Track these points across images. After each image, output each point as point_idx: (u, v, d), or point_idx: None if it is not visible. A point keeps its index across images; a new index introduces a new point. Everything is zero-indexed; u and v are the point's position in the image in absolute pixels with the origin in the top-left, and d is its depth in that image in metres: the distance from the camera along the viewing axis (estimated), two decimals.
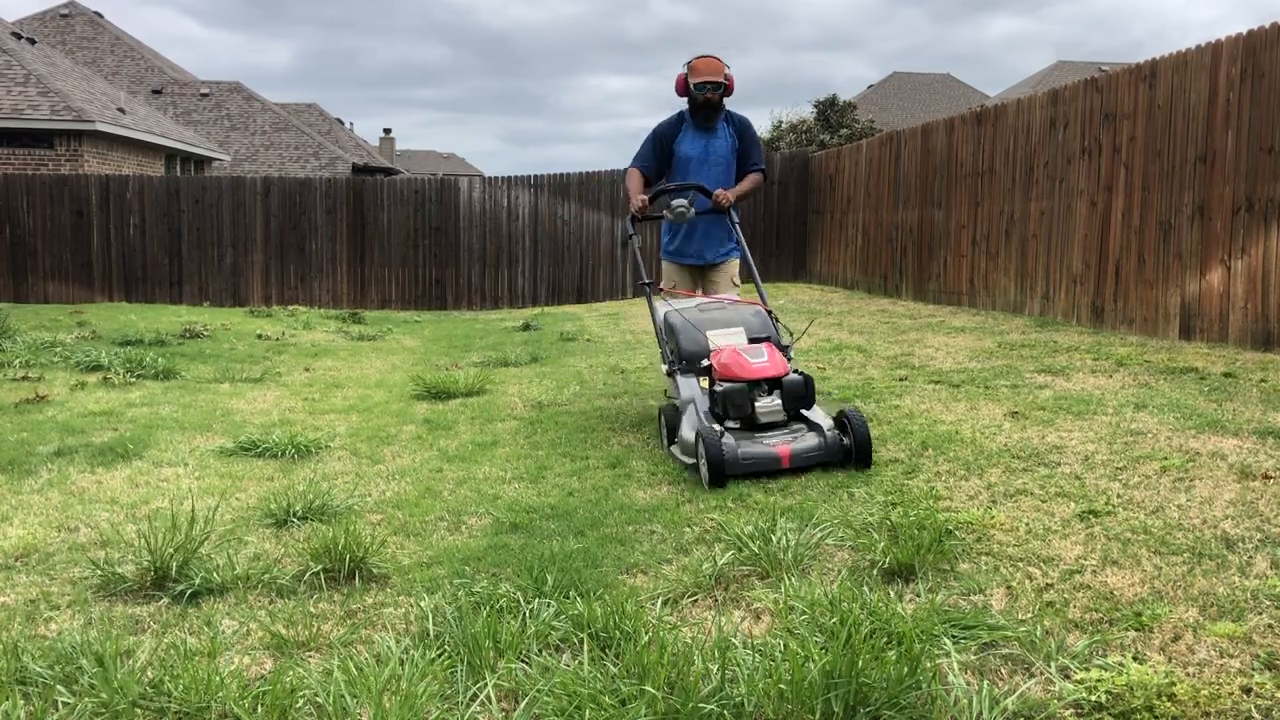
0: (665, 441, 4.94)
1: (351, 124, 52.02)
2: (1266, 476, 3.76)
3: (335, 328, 12.31)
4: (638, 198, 5.59)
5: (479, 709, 2.40)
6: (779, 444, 4.31)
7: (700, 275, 5.92)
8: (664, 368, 5.14)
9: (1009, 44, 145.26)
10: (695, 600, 3.07)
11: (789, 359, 4.67)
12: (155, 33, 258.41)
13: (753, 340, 4.81)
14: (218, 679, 2.49)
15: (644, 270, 5.72)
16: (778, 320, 5.01)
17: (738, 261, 5.90)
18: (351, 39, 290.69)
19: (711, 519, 3.81)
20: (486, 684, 2.46)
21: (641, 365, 8.04)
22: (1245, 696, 2.29)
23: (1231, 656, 2.46)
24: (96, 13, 39.04)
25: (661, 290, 5.53)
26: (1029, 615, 2.76)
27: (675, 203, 5.45)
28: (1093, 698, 2.27)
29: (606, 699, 2.32)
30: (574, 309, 14.84)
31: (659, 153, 5.80)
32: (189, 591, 3.20)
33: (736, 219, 5.66)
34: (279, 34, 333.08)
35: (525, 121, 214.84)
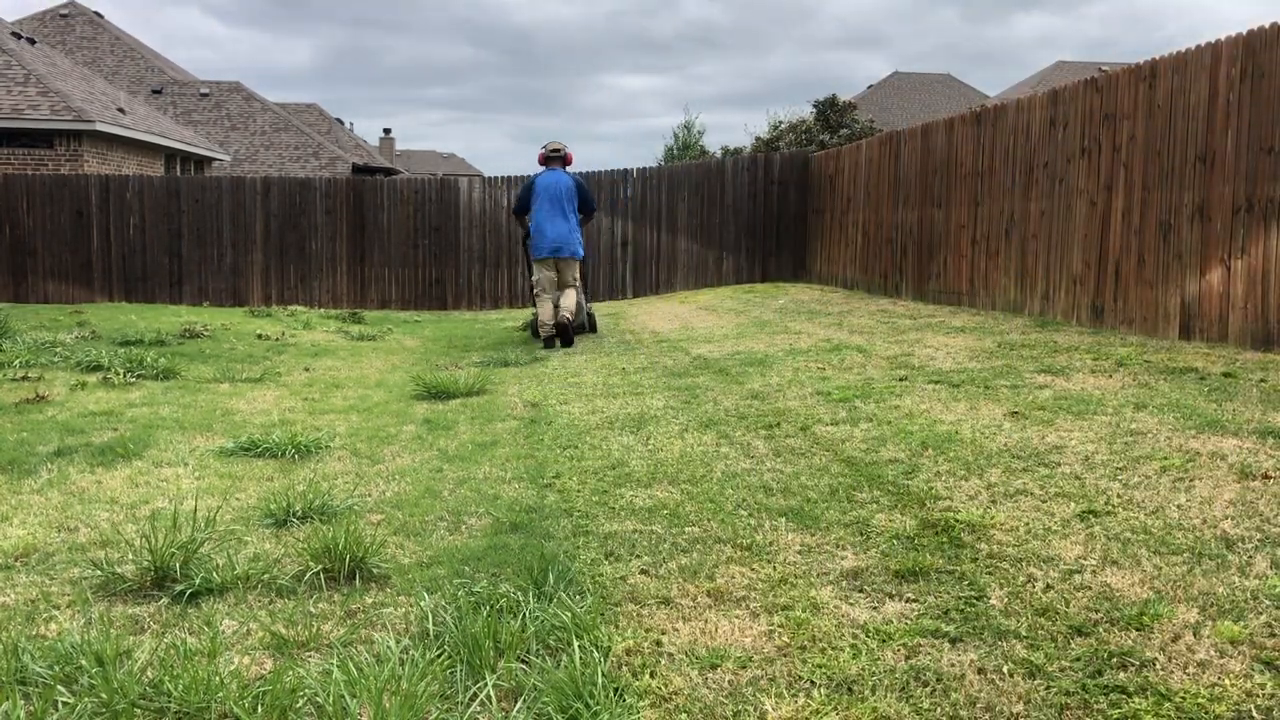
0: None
1: (351, 124, 52.03)
2: (1266, 476, 3.76)
3: (335, 328, 12.31)
4: None
5: (479, 709, 2.40)
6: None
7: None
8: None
9: (1040, 43, 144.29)
10: (696, 601, 3.07)
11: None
12: (176, 32, 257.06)
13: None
14: (218, 679, 2.49)
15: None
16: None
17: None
18: (374, 37, 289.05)
19: (710, 522, 3.82)
20: (486, 684, 2.47)
21: (641, 366, 8.04)
22: (1245, 697, 2.29)
23: (1231, 656, 2.47)
24: (96, 13, 39.04)
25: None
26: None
27: None
28: None
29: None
30: None
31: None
32: (189, 591, 3.20)
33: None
34: (302, 31, 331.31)
35: (541, 120, 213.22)
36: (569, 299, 9.67)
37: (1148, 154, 7.89)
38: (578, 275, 10.02)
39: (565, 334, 9.29)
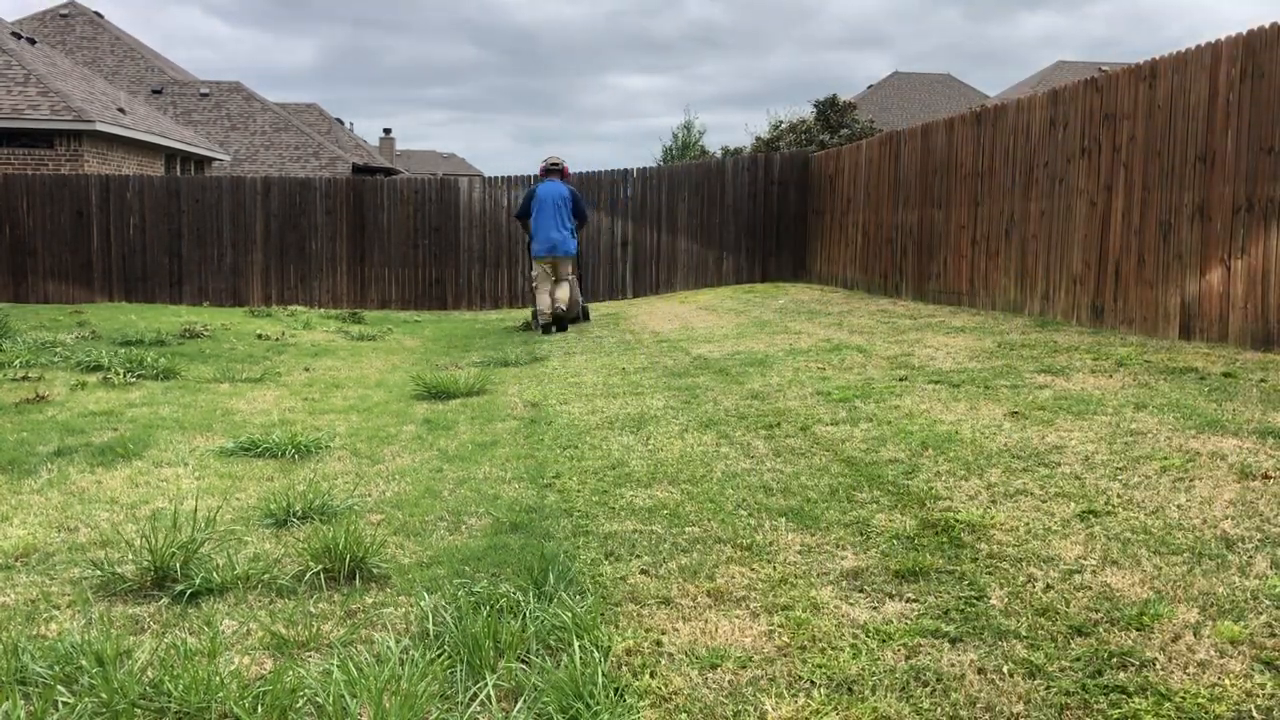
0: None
1: (351, 124, 52.04)
2: (1266, 476, 3.76)
3: (335, 328, 12.31)
4: None
5: (479, 709, 2.40)
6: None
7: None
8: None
9: (1045, 42, 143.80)
10: (696, 600, 3.07)
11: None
12: (177, 32, 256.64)
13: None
14: (218, 679, 2.49)
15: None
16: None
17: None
18: (375, 37, 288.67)
19: (710, 522, 3.82)
20: (486, 684, 2.47)
21: (641, 365, 8.04)
22: (1245, 697, 2.29)
23: (1231, 656, 2.47)
24: (96, 13, 39.04)
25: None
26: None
27: None
28: None
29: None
30: None
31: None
32: (189, 591, 3.20)
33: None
34: (303, 31, 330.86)
35: (542, 120, 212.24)
36: (563, 290, 11.30)
37: (1148, 154, 7.89)
38: (572, 271, 11.54)
39: (560, 322, 11.10)
